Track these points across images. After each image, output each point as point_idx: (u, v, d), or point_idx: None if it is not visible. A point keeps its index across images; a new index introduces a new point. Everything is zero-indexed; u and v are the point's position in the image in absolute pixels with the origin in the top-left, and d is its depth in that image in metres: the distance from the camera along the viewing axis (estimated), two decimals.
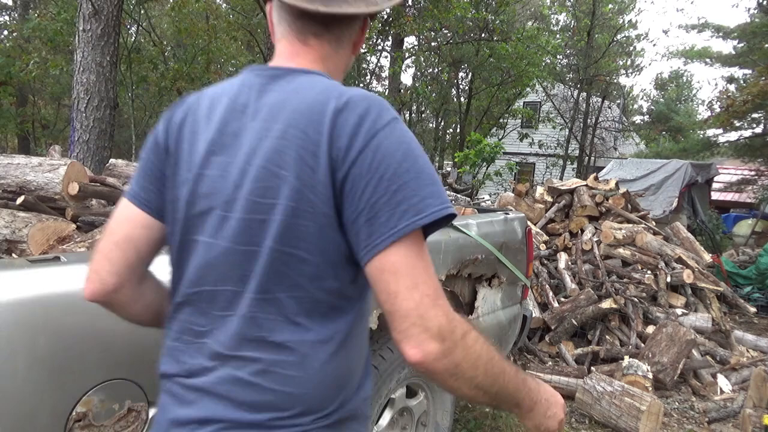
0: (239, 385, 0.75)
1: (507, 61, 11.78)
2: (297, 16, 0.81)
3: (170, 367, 0.82)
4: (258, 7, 8.17)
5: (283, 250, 0.73)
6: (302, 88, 0.77)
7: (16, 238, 1.58)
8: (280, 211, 0.72)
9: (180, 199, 0.80)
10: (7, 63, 8.59)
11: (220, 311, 0.77)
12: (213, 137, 0.79)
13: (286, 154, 0.72)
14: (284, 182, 0.72)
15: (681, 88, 31.28)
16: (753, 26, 9.98)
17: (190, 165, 0.80)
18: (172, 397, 0.80)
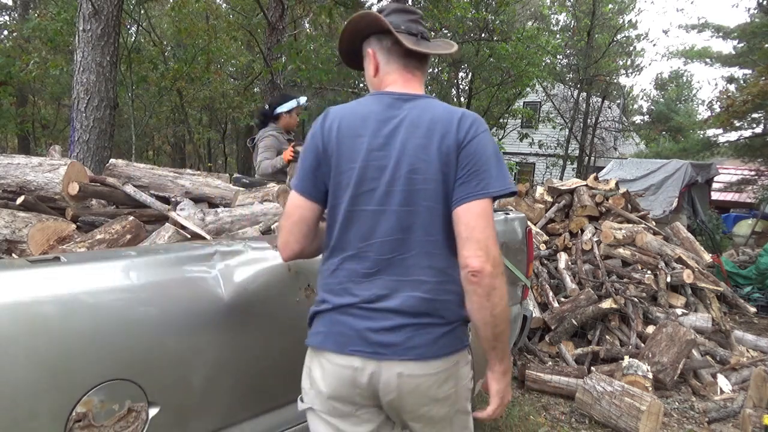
0: (416, 301, 1.15)
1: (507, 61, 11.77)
2: (406, 55, 1.28)
3: (347, 299, 1.18)
4: (258, 7, 8.16)
5: (433, 206, 1.16)
6: (430, 106, 1.23)
7: (16, 238, 1.58)
8: (430, 182, 1.16)
9: (345, 182, 1.19)
10: (7, 63, 8.57)
11: (389, 255, 1.17)
12: (370, 140, 1.19)
13: (429, 147, 1.17)
14: (430, 164, 1.16)
15: (681, 88, 31.27)
16: (753, 26, 9.98)
17: (353, 158, 1.19)
18: (357, 317, 1.16)
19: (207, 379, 1.27)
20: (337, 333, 1.17)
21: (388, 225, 1.16)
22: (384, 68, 1.30)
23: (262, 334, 1.40)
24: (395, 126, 1.20)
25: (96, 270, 1.14)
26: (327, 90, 12.10)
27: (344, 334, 1.17)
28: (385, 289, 1.16)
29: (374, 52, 1.31)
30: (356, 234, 1.18)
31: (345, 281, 1.19)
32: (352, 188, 1.18)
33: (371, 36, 1.33)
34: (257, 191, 2.27)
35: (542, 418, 3.02)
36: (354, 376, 1.16)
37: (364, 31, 1.35)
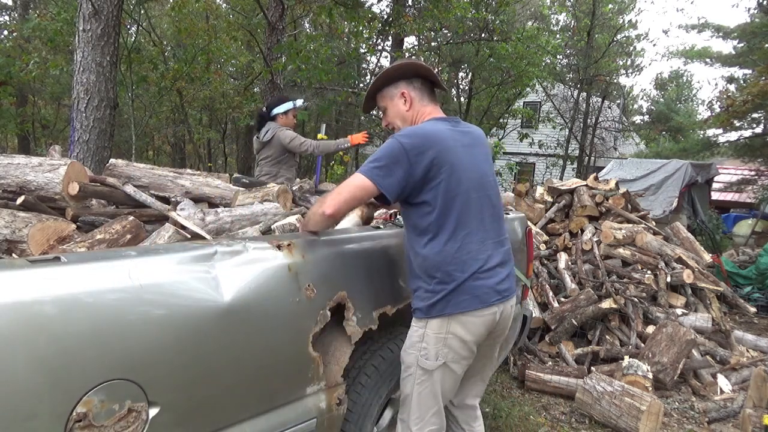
0: (506, 255, 1.75)
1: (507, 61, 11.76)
2: (431, 92, 1.79)
3: (480, 265, 1.64)
4: (258, 7, 8.16)
5: (495, 194, 1.75)
6: (471, 127, 1.82)
7: (16, 238, 1.58)
8: (492, 177, 1.78)
9: (460, 173, 1.63)
10: (7, 63, 8.55)
11: (489, 229, 1.69)
12: (460, 149, 1.65)
13: (487, 153, 1.81)
14: (490, 165, 1.81)
15: (681, 88, 31.26)
16: (753, 26, 9.98)
17: (453, 162, 1.61)
18: (493, 277, 1.66)
19: (207, 379, 1.27)
20: (484, 287, 1.64)
21: (489, 209, 1.70)
22: (419, 103, 1.76)
23: (262, 333, 1.40)
24: (468, 139, 1.72)
25: (96, 270, 1.14)
26: (327, 90, 12.09)
27: (489, 286, 1.65)
28: (499, 259, 1.70)
29: (407, 92, 1.74)
30: (472, 215, 1.65)
31: (469, 253, 1.62)
32: (462, 183, 1.64)
33: (401, 80, 1.75)
34: (257, 191, 2.27)
35: (542, 418, 3.02)
36: (493, 319, 1.67)
37: (399, 75, 1.75)
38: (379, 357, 1.85)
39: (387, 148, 1.59)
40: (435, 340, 1.65)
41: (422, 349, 1.67)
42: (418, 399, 1.69)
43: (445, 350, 1.65)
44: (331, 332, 1.70)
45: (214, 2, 11.88)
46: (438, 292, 1.61)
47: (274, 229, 1.92)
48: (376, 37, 11.95)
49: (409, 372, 1.71)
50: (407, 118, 1.75)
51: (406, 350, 1.74)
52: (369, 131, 3.57)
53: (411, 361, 1.70)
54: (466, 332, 1.64)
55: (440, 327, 1.64)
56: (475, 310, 1.62)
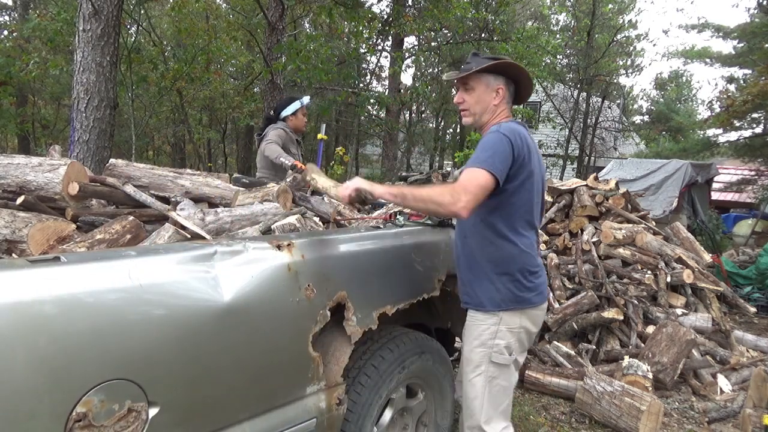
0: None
1: None
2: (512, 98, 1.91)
3: (540, 263, 1.83)
4: (258, 7, 8.16)
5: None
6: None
7: (16, 238, 1.58)
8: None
9: (535, 177, 1.75)
10: (7, 63, 8.54)
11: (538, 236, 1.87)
12: (535, 155, 1.77)
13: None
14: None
15: (681, 88, 31.23)
16: (753, 26, 9.98)
17: (534, 165, 1.73)
18: (544, 274, 1.84)
19: (207, 379, 1.27)
20: (544, 289, 1.82)
21: (541, 211, 1.87)
22: (505, 103, 1.85)
23: (262, 333, 1.40)
24: (536, 148, 1.82)
25: (96, 270, 1.14)
26: (327, 90, 12.09)
27: (544, 287, 1.83)
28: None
29: (503, 89, 1.84)
30: (538, 214, 1.82)
31: (534, 250, 1.79)
32: (538, 182, 1.78)
33: (503, 76, 1.84)
34: (257, 191, 2.27)
35: (542, 418, 3.02)
36: (544, 312, 1.84)
37: (506, 71, 1.83)
38: (379, 357, 1.85)
39: (495, 141, 1.66)
40: (509, 334, 1.75)
41: (494, 346, 1.74)
42: (490, 397, 1.75)
43: (517, 344, 1.77)
44: (331, 332, 1.70)
45: (214, 2, 11.89)
46: (515, 287, 1.73)
47: (274, 229, 1.92)
48: (376, 37, 11.95)
49: (479, 371, 1.75)
50: (489, 110, 1.84)
51: (474, 349, 1.77)
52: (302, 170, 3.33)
53: (481, 359, 1.75)
54: (533, 325, 1.79)
55: (513, 321, 1.75)
56: (541, 304, 1.80)
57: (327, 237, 1.70)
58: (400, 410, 2.04)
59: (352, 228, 2.10)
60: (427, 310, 2.37)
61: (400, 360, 1.90)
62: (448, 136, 20.56)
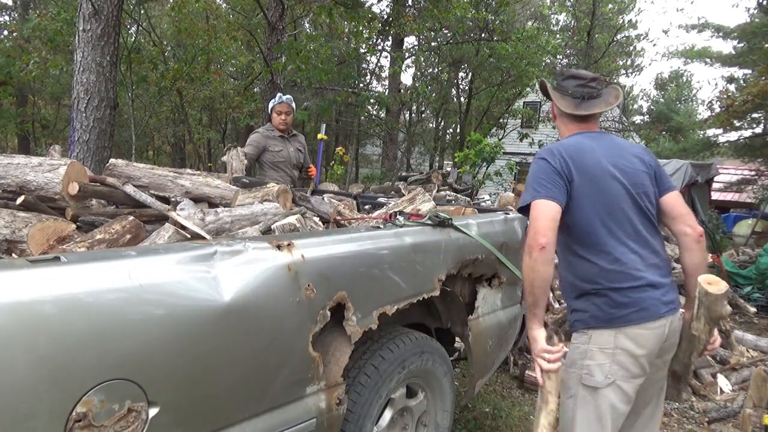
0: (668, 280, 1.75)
1: (507, 61, 11.77)
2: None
3: (642, 275, 1.63)
4: (258, 7, 8.16)
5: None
6: (624, 141, 1.90)
7: (16, 238, 1.58)
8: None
9: (603, 184, 1.64)
10: (7, 63, 8.54)
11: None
12: (606, 158, 1.68)
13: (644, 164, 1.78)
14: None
15: (681, 88, 31.25)
16: (753, 26, 9.97)
17: (589, 170, 1.65)
18: (659, 288, 1.65)
19: (207, 379, 1.27)
20: (649, 305, 1.61)
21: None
22: (561, 119, 1.90)
23: (262, 333, 1.40)
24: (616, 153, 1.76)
25: (96, 270, 1.14)
26: (327, 90, 12.09)
27: (653, 303, 1.62)
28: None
29: (554, 107, 1.90)
30: (628, 222, 1.72)
31: (625, 263, 1.62)
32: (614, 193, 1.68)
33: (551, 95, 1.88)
34: (257, 191, 2.27)
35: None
36: (663, 332, 1.60)
37: (547, 90, 1.87)
38: (379, 357, 1.85)
39: (533, 168, 1.73)
40: (602, 355, 1.59)
41: (584, 367, 1.61)
42: (581, 423, 1.60)
43: (616, 367, 1.57)
44: (331, 332, 1.70)
45: (214, 2, 11.88)
46: (603, 303, 1.60)
47: (274, 229, 1.92)
48: (376, 37, 11.95)
49: (570, 393, 1.64)
50: (558, 128, 1.95)
51: (567, 368, 1.67)
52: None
53: (573, 380, 1.64)
54: (637, 346, 1.56)
55: (605, 340, 1.59)
56: (643, 323, 1.57)
57: (327, 237, 1.70)
58: (400, 410, 2.04)
59: (352, 228, 2.10)
60: (427, 310, 2.37)
61: (400, 360, 1.90)
62: (448, 136, 20.57)
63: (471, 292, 2.34)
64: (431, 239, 2.03)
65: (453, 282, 2.19)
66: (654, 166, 1.76)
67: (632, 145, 1.87)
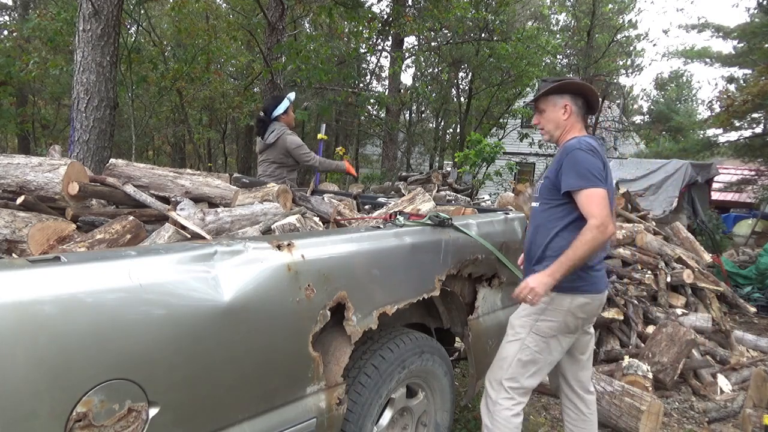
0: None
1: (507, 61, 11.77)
2: (586, 113, 2.12)
3: (599, 259, 2.03)
4: (258, 7, 8.16)
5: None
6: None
7: (16, 238, 1.58)
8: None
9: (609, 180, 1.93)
10: (7, 63, 8.53)
11: None
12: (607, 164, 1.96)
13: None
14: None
15: (681, 88, 31.24)
16: (753, 26, 9.97)
17: (608, 172, 1.94)
18: (603, 269, 2.04)
19: (207, 379, 1.27)
20: (598, 282, 2.01)
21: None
22: (575, 117, 2.04)
23: (262, 333, 1.40)
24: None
25: (96, 270, 1.14)
26: (327, 90, 12.09)
27: (601, 279, 2.02)
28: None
29: (570, 105, 2.03)
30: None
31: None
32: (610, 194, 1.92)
33: (567, 93, 2.03)
34: (257, 191, 2.27)
35: (542, 418, 3.02)
36: (601, 303, 2.04)
37: (568, 89, 2.01)
38: (379, 357, 1.85)
39: (587, 160, 1.87)
40: (556, 314, 1.94)
41: (540, 320, 1.96)
42: (519, 362, 1.96)
43: (562, 325, 1.95)
44: (331, 332, 1.70)
45: (214, 2, 11.88)
46: (572, 276, 1.87)
47: (274, 229, 1.92)
48: (376, 37, 11.96)
49: (518, 336, 1.98)
50: (561, 126, 2.05)
51: (520, 317, 2.01)
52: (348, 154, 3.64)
53: (524, 328, 1.97)
54: (583, 312, 1.95)
55: (563, 304, 1.93)
56: (593, 294, 1.96)
57: (327, 237, 1.69)
58: (400, 410, 2.04)
59: (352, 228, 2.10)
60: (427, 310, 2.37)
61: (400, 360, 1.90)
62: (448, 136, 20.56)
63: (471, 292, 2.34)
64: (431, 239, 2.02)
65: (453, 282, 2.19)
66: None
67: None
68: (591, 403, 2.21)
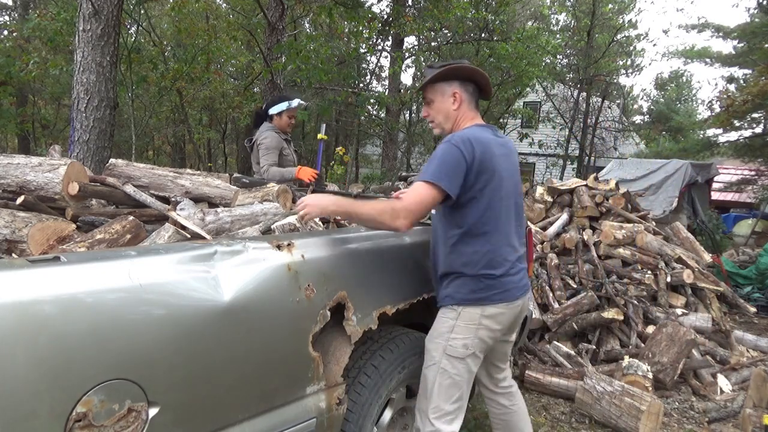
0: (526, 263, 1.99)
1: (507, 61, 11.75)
2: (477, 100, 1.90)
3: (510, 265, 1.82)
4: (258, 7, 8.16)
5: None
6: (505, 137, 1.91)
7: (16, 238, 1.58)
8: (521, 182, 1.99)
9: (499, 176, 1.74)
10: (7, 63, 8.53)
11: (518, 239, 1.92)
12: (501, 158, 1.77)
13: (517, 162, 1.91)
14: (519, 173, 1.92)
15: (681, 88, 31.24)
16: (753, 26, 9.97)
17: (496, 168, 1.73)
18: (518, 273, 1.84)
19: (207, 379, 1.27)
20: (512, 287, 1.81)
21: (515, 213, 1.87)
22: (466, 106, 1.85)
23: (262, 333, 1.40)
24: (505, 148, 1.83)
25: (96, 270, 1.14)
26: (327, 90, 12.09)
27: (514, 286, 1.81)
28: (518, 253, 1.87)
29: (459, 93, 1.83)
30: (507, 219, 1.82)
31: (502, 252, 1.77)
32: (500, 187, 1.76)
33: (456, 80, 1.83)
34: (257, 191, 2.27)
35: (542, 418, 3.02)
36: (517, 311, 1.85)
37: (457, 75, 1.82)
38: (379, 357, 1.85)
39: (446, 152, 1.69)
40: (466, 330, 1.76)
41: (451, 339, 1.77)
42: (440, 389, 1.77)
43: (476, 341, 1.76)
44: (331, 332, 1.70)
45: (214, 2, 11.88)
46: (473, 286, 1.74)
47: (274, 229, 1.92)
48: (376, 37, 11.95)
49: (434, 361, 1.79)
50: (451, 117, 1.86)
51: (432, 339, 1.82)
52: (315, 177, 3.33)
53: (437, 351, 1.79)
54: (496, 323, 1.78)
55: (472, 318, 1.75)
56: (505, 303, 1.77)
57: (327, 237, 1.69)
58: (400, 410, 2.04)
59: (352, 228, 2.10)
60: (427, 310, 2.37)
61: (400, 360, 1.90)
62: None
63: None
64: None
65: None
66: (518, 162, 1.93)
67: (508, 139, 1.95)
68: (512, 396, 2.12)
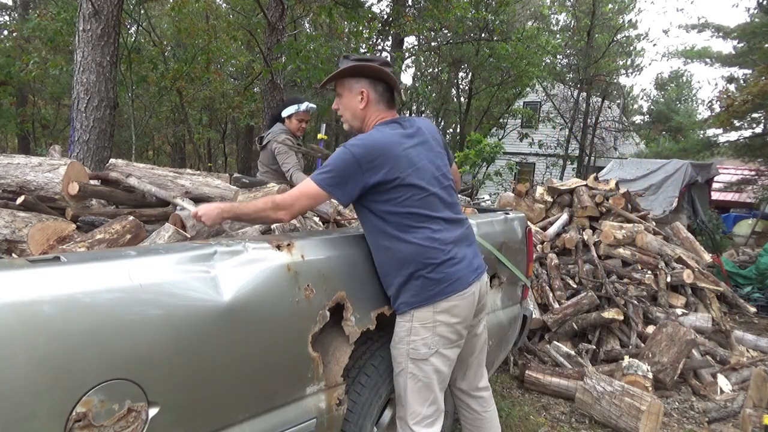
0: (474, 243, 1.90)
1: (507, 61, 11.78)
2: (390, 98, 1.81)
3: (450, 254, 1.70)
4: (258, 7, 8.16)
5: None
6: (418, 121, 1.83)
7: (16, 238, 1.58)
8: (445, 162, 1.87)
9: (415, 169, 1.67)
10: (7, 63, 8.53)
11: (454, 223, 1.79)
12: (411, 150, 1.69)
13: (437, 142, 1.85)
14: (440, 154, 1.84)
15: (681, 88, 31.24)
16: (753, 26, 9.97)
17: (405, 164, 1.65)
18: (465, 259, 1.74)
19: (207, 379, 1.27)
20: (460, 276, 1.71)
21: (443, 198, 1.75)
22: (374, 106, 1.77)
23: (262, 333, 1.40)
24: (420, 136, 1.76)
25: (96, 270, 1.14)
26: (327, 90, 12.08)
27: (463, 274, 1.71)
28: (457, 236, 1.76)
29: (367, 92, 1.75)
30: (434, 208, 1.72)
31: (437, 242, 1.67)
32: (422, 178, 1.69)
33: (365, 78, 1.75)
34: (257, 191, 2.27)
35: (542, 418, 3.02)
36: (473, 298, 1.74)
37: (366, 73, 1.73)
38: (379, 357, 1.86)
39: (339, 158, 1.61)
40: (424, 330, 1.69)
41: (411, 342, 1.71)
42: (412, 394, 1.72)
43: (436, 338, 1.69)
44: (331, 332, 1.70)
45: (214, 2, 11.88)
46: (416, 284, 1.66)
47: (274, 229, 1.92)
48: (376, 37, 11.95)
49: (401, 367, 1.74)
50: (358, 116, 1.79)
51: (395, 345, 1.76)
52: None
53: (402, 356, 1.73)
54: (453, 316, 1.69)
55: (426, 317, 1.68)
56: (457, 293, 1.67)
57: (327, 237, 1.70)
58: None
59: (352, 228, 2.10)
60: None
61: None
62: (448, 136, 20.56)
63: None
64: None
65: None
66: (439, 139, 1.87)
67: (427, 123, 1.87)
68: (485, 401, 2.02)
